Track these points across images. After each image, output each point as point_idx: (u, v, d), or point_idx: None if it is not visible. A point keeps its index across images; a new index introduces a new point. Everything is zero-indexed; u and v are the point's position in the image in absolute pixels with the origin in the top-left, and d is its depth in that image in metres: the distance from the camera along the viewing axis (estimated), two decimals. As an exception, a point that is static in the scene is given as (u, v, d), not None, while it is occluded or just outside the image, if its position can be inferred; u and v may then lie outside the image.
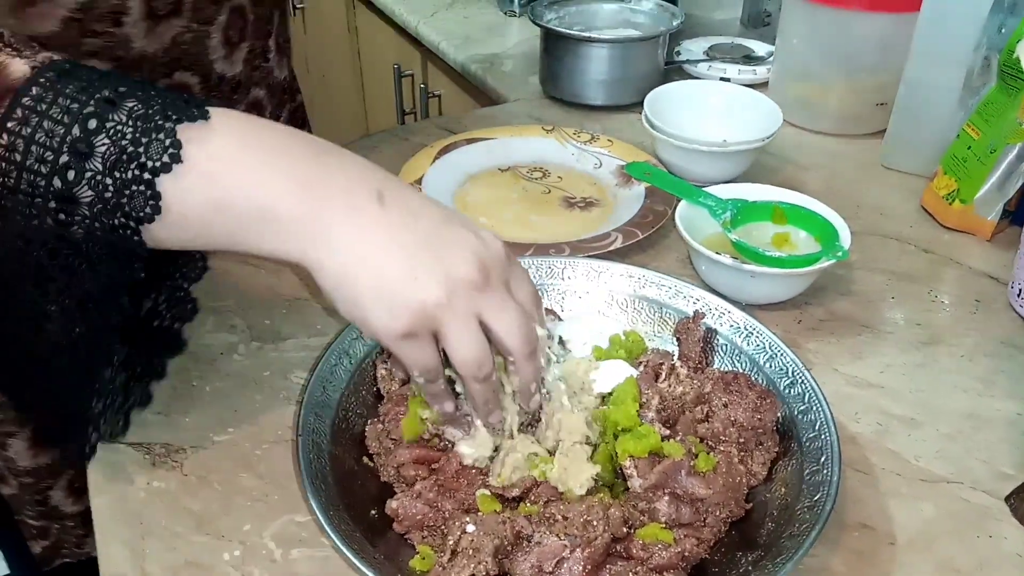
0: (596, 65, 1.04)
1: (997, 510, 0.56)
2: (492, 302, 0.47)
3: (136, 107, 0.42)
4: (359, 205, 0.44)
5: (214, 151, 0.42)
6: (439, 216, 0.47)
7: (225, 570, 0.50)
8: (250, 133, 0.44)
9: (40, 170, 0.41)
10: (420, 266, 0.44)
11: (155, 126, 0.41)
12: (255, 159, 0.43)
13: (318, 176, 0.44)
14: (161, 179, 0.41)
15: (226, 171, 0.42)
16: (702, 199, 0.77)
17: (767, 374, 0.60)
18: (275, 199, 0.43)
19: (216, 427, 0.60)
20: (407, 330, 0.45)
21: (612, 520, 0.48)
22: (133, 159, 0.41)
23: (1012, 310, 0.73)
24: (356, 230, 0.44)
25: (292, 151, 0.44)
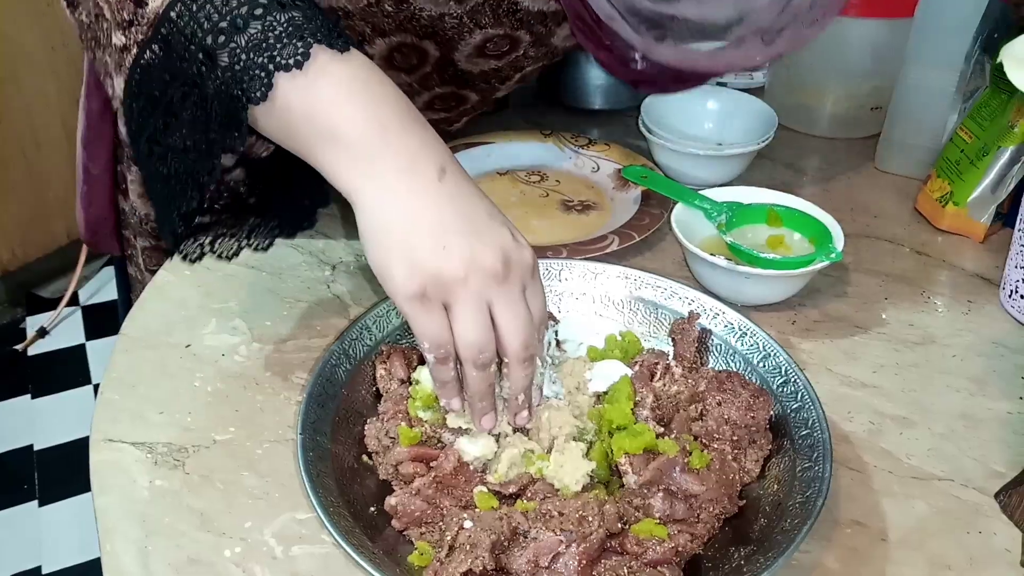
0: (594, 69, 1.04)
1: (988, 507, 0.57)
2: (505, 297, 0.50)
3: (297, 17, 0.48)
4: (419, 169, 0.49)
5: (329, 76, 0.48)
6: (486, 208, 0.51)
7: (227, 567, 0.51)
8: (366, 78, 0.50)
9: (203, 24, 0.48)
10: (451, 240, 0.48)
11: (298, 35, 0.48)
12: (355, 97, 0.49)
13: (396, 131, 0.49)
14: (279, 75, 0.47)
15: (328, 95, 0.48)
16: (698, 202, 0.78)
17: (760, 373, 0.60)
18: (352, 131, 0.48)
19: (218, 426, 0.61)
20: (419, 291, 0.48)
21: (607, 516, 0.49)
22: (268, 50, 0.48)
23: (1004, 311, 0.74)
24: (408, 187, 0.48)
25: (391, 106, 0.50)
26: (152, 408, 0.62)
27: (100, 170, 0.89)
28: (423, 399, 0.56)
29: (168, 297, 0.73)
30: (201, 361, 0.66)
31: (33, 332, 2.20)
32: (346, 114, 0.48)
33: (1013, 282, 0.73)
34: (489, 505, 0.53)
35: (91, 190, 0.91)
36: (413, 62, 0.75)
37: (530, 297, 0.52)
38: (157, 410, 0.62)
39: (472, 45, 0.73)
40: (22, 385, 2.09)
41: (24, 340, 2.20)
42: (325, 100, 0.48)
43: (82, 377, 2.10)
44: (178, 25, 0.48)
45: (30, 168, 2.18)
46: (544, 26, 0.74)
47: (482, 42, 0.73)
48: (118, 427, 0.60)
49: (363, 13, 0.69)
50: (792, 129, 1.02)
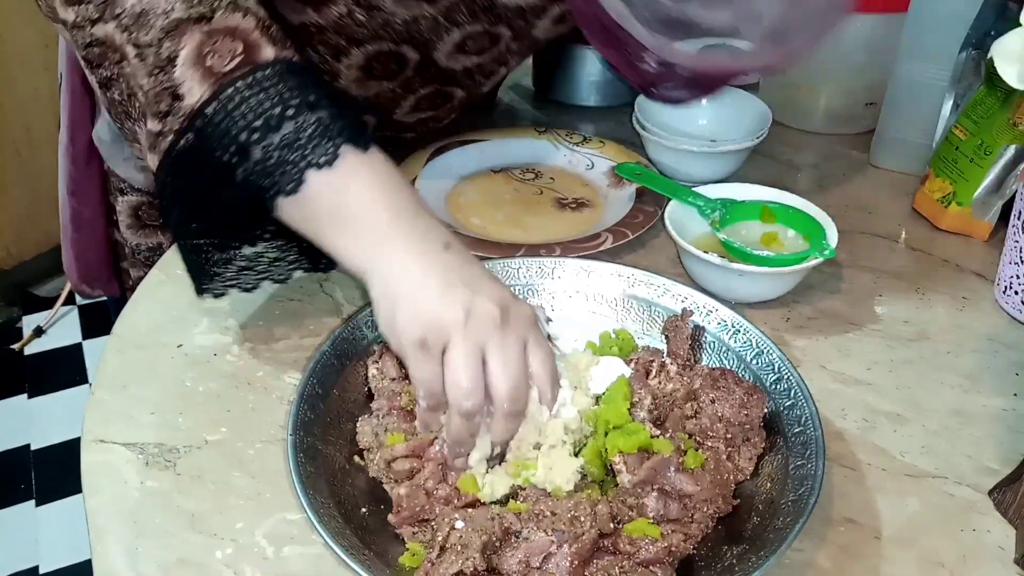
0: (588, 66, 1.04)
1: (981, 504, 0.57)
2: (500, 342, 0.51)
3: (325, 117, 0.52)
4: (428, 246, 0.53)
5: (354, 173, 0.53)
6: (487, 274, 0.55)
7: (218, 568, 0.51)
8: (386, 172, 0.55)
9: (239, 122, 0.52)
10: (452, 294, 0.51)
11: (329, 136, 0.52)
12: (377, 190, 0.54)
13: (407, 217, 0.54)
14: (310, 171, 0.52)
15: (355, 190, 0.53)
16: (691, 199, 0.77)
17: (754, 371, 0.60)
18: (374, 220, 0.53)
19: (209, 427, 0.60)
20: (421, 338, 0.51)
21: (600, 516, 0.49)
22: (300, 148, 0.52)
23: (998, 307, 0.74)
24: (417, 260, 0.53)
25: (402, 195, 0.54)
26: (143, 408, 0.62)
27: (92, 211, 0.91)
28: None
29: (159, 297, 0.73)
30: (192, 361, 0.66)
31: (29, 331, 2.20)
32: (364, 205, 0.53)
33: (1007, 278, 0.73)
34: (474, 488, 0.53)
35: (84, 234, 0.92)
36: (393, 68, 0.75)
37: (532, 351, 0.53)
38: (148, 410, 0.61)
39: (451, 44, 0.74)
40: (18, 385, 2.08)
41: (20, 339, 2.19)
42: (352, 195, 0.53)
43: (79, 376, 2.09)
44: (213, 121, 0.52)
45: (24, 166, 2.17)
46: (524, 20, 0.74)
47: (461, 40, 0.73)
48: (109, 428, 0.60)
49: (336, 26, 0.70)
50: (786, 125, 1.02)
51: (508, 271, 0.69)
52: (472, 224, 0.83)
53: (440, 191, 0.88)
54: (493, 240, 0.78)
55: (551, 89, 1.09)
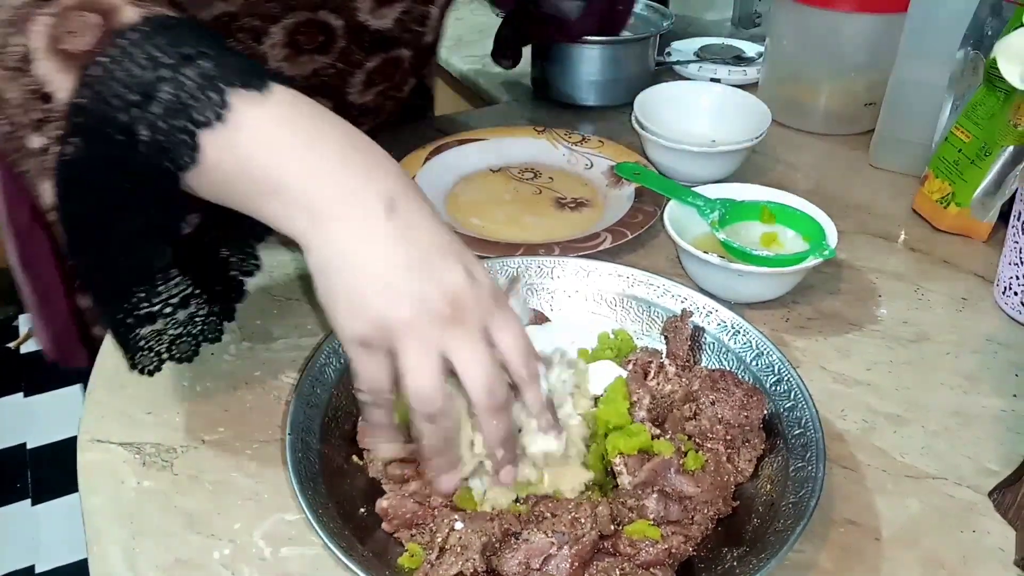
0: (587, 66, 1.04)
1: (981, 505, 0.56)
2: (460, 341, 0.45)
3: (208, 68, 0.45)
4: (365, 208, 0.45)
5: (256, 122, 0.45)
6: (439, 242, 0.47)
7: (216, 569, 0.51)
8: (295, 114, 0.46)
9: (114, 103, 0.44)
10: (397, 282, 0.45)
11: (211, 86, 0.44)
12: (288, 139, 0.45)
13: (338, 170, 0.45)
14: (202, 133, 0.44)
15: (260, 143, 0.45)
16: (691, 199, 0.77)
17: (753, 372, 0.60)
18: (288, 179, 0.45)
19: (207, 427, 0.60)
20: (362, 337, 0.45)
21: (600, 518, 0.49)
22: (185, 110, 0.44)
23: (998, 308, 0.74)
24: (353, 230, 0.45)
25: (326, 140, 0.46)
26: (140, 408, 0.61)
27: (49, 280, 0.83)
28: (400, 412, 0.55)
29: (157, 296, 0.72)
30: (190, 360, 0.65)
31: (25, 330, 2.19)
32: (278, 162, 0.45)
33: (1007, 279, 0.73)
34: (472, 505, 0.52)
35: (46, 306, 0.85)
36: (320, 39, 0.72)
37: (497, 331, 0.47)
38: (145, 410, 0.61)
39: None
40: (15, 383, 2.08)
41: (17, 338, 2.19)
42: (254, 150, 0.45)
43: (75, 375, 2.09)
44: (89, 111, 0.44)
45: (21, 165, 2.16)
46: None
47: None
48: (106, 427, 0.60)
49: (247, 8, 0.67)
50: (786, 125, 1.02)
51: (507, 271, 0.69)
52: (471, 223, 0.83)
53: (439, 190, 0.87)
54: (492, 240, 0.78)
55: (550, 88, 1.08)
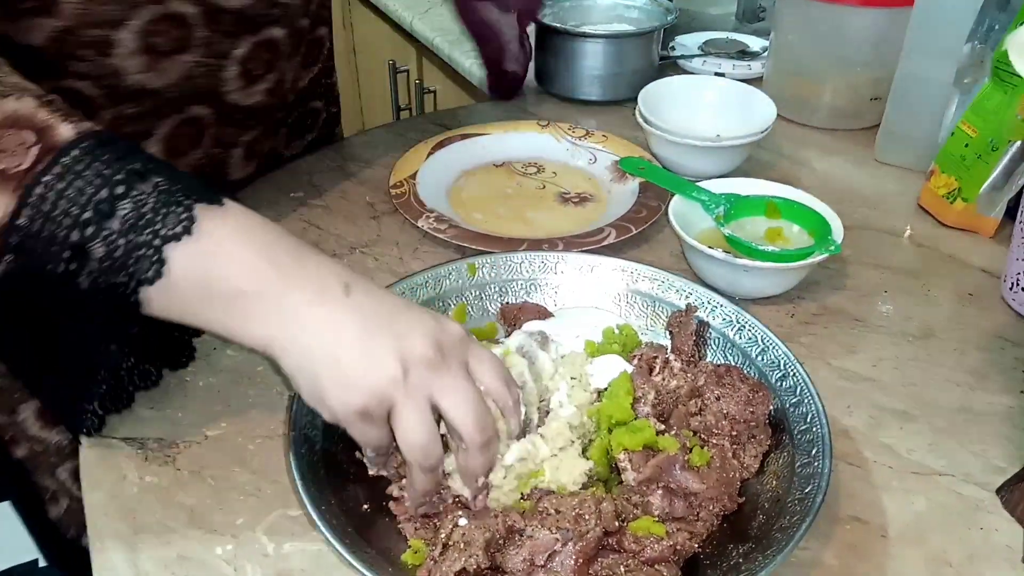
0: (591, 60, 1.03)
1: (989, 503, 0.56)
2: (445, 382, 0.47)
3: (161, 182, 0.45)
4: (325, 293, 0.47)
5: (218, 234, 0.46)
6: (401, 304, 0.49)
7: (218, 564, 0.51)
8: (249, 226, 0.47)
9: (63, 222, 0.44)
10: (377, 346, 0.46)
11: (175, 200, 0.45)
12: (247, 248, 0.46)
13: (293, 267, 0.47)
14: (170, 246, 0.44)
15: (222, 254, 0.45)
16: (695, 194, 0.77)
17: (759, 367, 0.60)
18: (253, 285, 0.46)
19: (210, 422, 0.60)
20: (362, 408, 0.46)
21: (604, 514, 0.48)
22: (149, 225, 0.44)
23: (1005, 304, 0.73)
24: (319, 314, 0.46)
25: (279, 245, 0.47)
26: (142, 403, 0.61)
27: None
28: None
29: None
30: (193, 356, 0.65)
31: None
32: (242, 270, 0.46)
33: (1014, 275, 0.72)
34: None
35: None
36: (177, 33, 0.65)
37: (476, 369, 0.49)
38: (147, 405, 0.61)
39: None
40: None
41: None
42: (218, 262, 0.45)
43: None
44: (31, 232, 0.44)
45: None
46: None
47: None
48: (108, 422, 0.59)
49: (81, 17, 0.61)
50: (791, 120, 1.02)
51: (510, 266, 0.68)
52: (474, 219, 0.82)
53: (442, 185, 0.87)
54: (495, 235, 0.78)
55: (554, 83, 1.08)
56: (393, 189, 0.83)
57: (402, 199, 0.81)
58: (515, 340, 0.58)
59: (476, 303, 0.68)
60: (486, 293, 0.68)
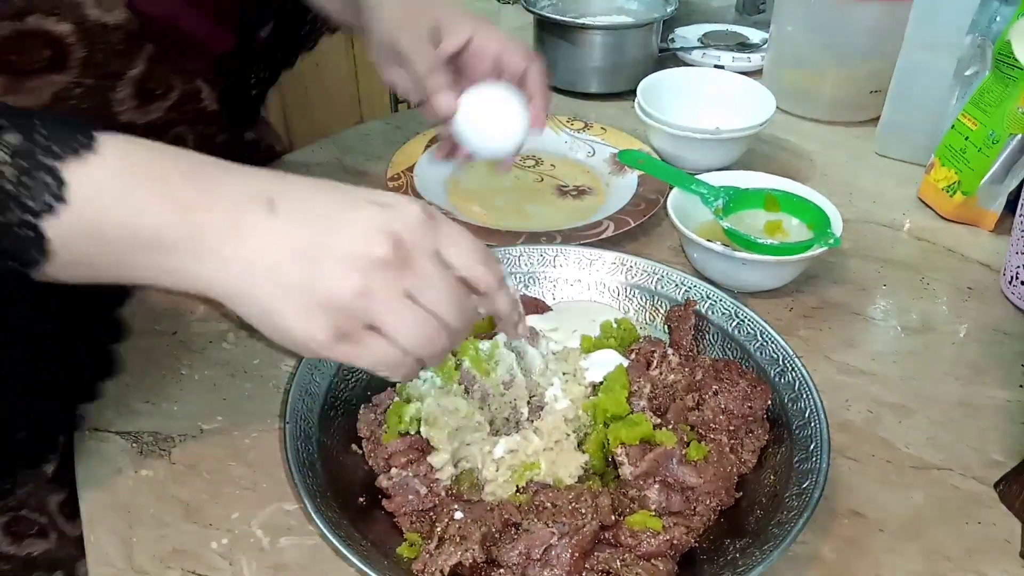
0: (590, 52, 1.03)
1: (987, 497, 0.56)
2: (419, 279, 0.42)
3: (19, 142, 0.38)
4: (245, 217, 0.40)
5: (98, 184, 0.39)
6: (340, 202, 0.42)
7: (213, 558, 0.50)
8: (134, 160, 0.40)
9: None
10: (323, 258, 0.40)
11: (37, 163, 0.38)
12: (137, 188, 0.40)
13: (201, 197, 0.40)
14: (45, 221, 0.38)
15: (108, 204, 0.39)
16: (694, 187, 0.76)
17: (757, 362, 0.59)
18: (157, 227, 0.40)
19: (205, 416, 0.60)
20: (334, 332, 0.41)
21: (601, 508, 0.48)
22: (14, 200, 0.38)
23: (1004, 297, 0.73)
24: (244, 244, 0.40)
25: (176, 173, 0.41)
26: (138, 397, 0.61)
27: None
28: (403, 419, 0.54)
29: (155, 283, 0.72)
30: (188, 349, 0.65)
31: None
32: (141, 217, 0.39)
33: (1014, 268, 0.72)
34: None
35: None
36: (47, 54, 0.58)
37: (447, 250, 0.43)
38: (143, 399, 0.61)
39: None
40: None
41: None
42: (112, 217, 0.39)
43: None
44: None
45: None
46: None
47: None
48: (104, 416, 0.59)
49: None
50: (790, 113, 1.01)
51: (509, 259, 0.68)
52: (472, 211, 0.82)
53: (439, 178, 0.86)
54: (493, 228, 0.77)
55: (552, 76, 1.07)
56: (391, 182, 0.82)
57: (400, 192, 0.81)
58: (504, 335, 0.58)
59: (473, 296, 0.67)
60: (483, 286, 0.68)
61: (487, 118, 0.63)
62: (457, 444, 0.52)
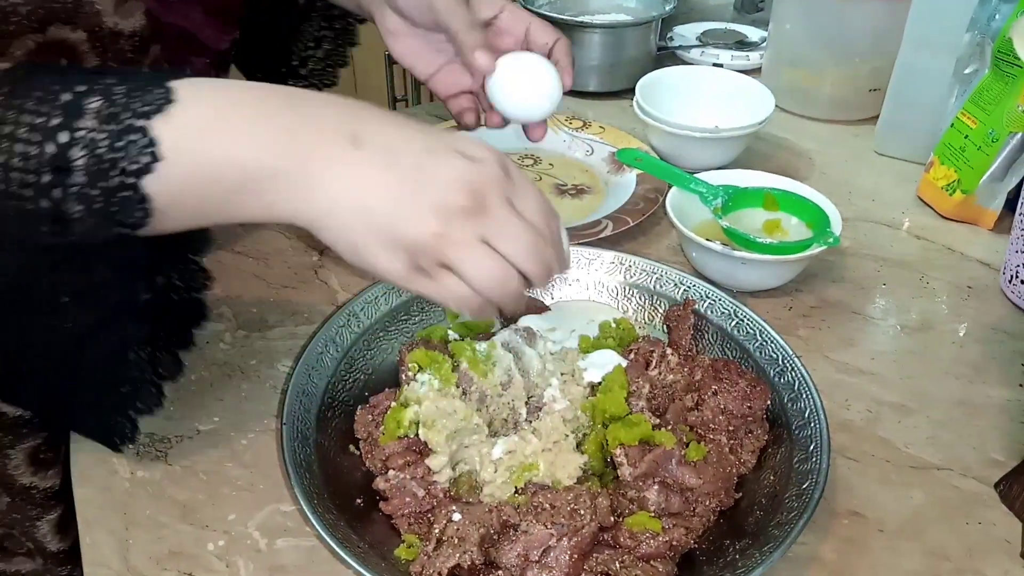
0: (588, 51, 1.03)
1: (987, 497, 0.56)
2: (495, 227, 0.44)
3: (102, 106, 0.40)
4: (335, 154, 0.43)
5: (189, 131, 0.41)
6: (421, 146, 0.45)
7: (209, 560, 0.50)
8: (220, 99, 0.43)
9: (25, 194, 0.39)
10: (407, 202, 0.43)
11: (127, 127, 0.40)
12: (229, 126, 0.42)
13: (293, 130, 0.43)
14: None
15: (204, 147, 0.42)
16: (693, 185, 0.76)
17: (757, 361, 0.59)
18: (255, 162, 0.42)
19: (202, 416, 0.59)
20: (410, 266, 0.44)
21: (599, 509, 0.48)
22: (113, 165, 0.40)
23: (1004, 296, 0.73)
24: (337, 179, 0.43)
25: (265, 108, 0.43)
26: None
27: None
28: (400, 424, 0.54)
29: (152, 283, 0.71)
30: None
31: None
32: (239, 153, 0.42)
33: (1014, 267, 0.72)
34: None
35: None
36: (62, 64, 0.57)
37: (522, 206, 0.46)
38: (140, 399, 0.60)
39: None
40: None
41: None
42: (210, 159, 0.42)
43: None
44: None
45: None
46: None
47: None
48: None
49: None
50: (789, 111, 1.01)
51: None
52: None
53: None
54: (491, 227, 0.77)
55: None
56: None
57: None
58: (501, 336, 0.58)
59: (471, 296, 0.67)
60: (482, 286, 0.67)
61: (523, 80, 0.63)
62: (455, 446, 0.52)
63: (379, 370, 0.61)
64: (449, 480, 0.52)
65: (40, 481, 0.70)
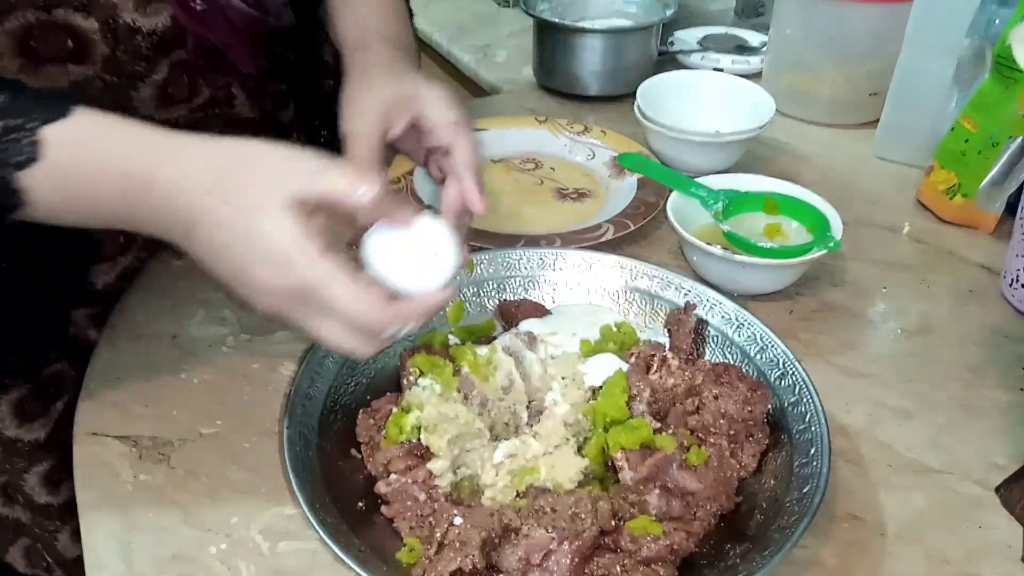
0: (589, 55, 1.03)
1: (988, 500, 0.56)
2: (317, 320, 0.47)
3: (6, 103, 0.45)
4: (170, 233, 0.47)
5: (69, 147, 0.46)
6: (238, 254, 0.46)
7: (211, 563, 0.50)
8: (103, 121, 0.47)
9: None
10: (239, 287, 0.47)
11: (17, 126, 0.45)
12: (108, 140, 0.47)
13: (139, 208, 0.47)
14: (41, 130, 0.45)
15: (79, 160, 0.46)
16: (694, 190, 0.76)
17: (758, 365, 0.59)
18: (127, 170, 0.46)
19: (204, 420, 0.59)
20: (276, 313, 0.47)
21: (600, 513, 0.48)
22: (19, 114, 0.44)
23: (1004, 300, 0.73)
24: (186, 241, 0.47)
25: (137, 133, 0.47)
26: (137, 401, 0.61)
27: None
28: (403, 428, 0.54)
29: (154, 287, 0.71)
30: (187, 353, 0.65)
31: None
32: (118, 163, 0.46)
33: (1014, 271, 0.72)
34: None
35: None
36: (69, 44, 0.60)
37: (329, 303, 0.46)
38: (142, 403, 0.60)
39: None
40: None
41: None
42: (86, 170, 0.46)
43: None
44: None
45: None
46: None
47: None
48: (102, 420, 0.59)
49: None
50: (790, 115, 1.01)
51: (508, 262, 0.68)
52: (471, 214, 0.82)
53: (439, 181, 0.86)
54: (493, 231, 0.77)
55: (552, 78, 1.07)
56: (390, 185, 0.82)
57: (400, 194, 0.81)
58: (502, 340, 0.58)
59: (474, 300, 0.67)
60: (484, 290, 0.68)
61: (398, 260, 0.50)
62: (457, 451, 0.52)
63: (381, 375, 0.61)
64: (450, 484, 0.52)
65: (25, 433, 0.72)
